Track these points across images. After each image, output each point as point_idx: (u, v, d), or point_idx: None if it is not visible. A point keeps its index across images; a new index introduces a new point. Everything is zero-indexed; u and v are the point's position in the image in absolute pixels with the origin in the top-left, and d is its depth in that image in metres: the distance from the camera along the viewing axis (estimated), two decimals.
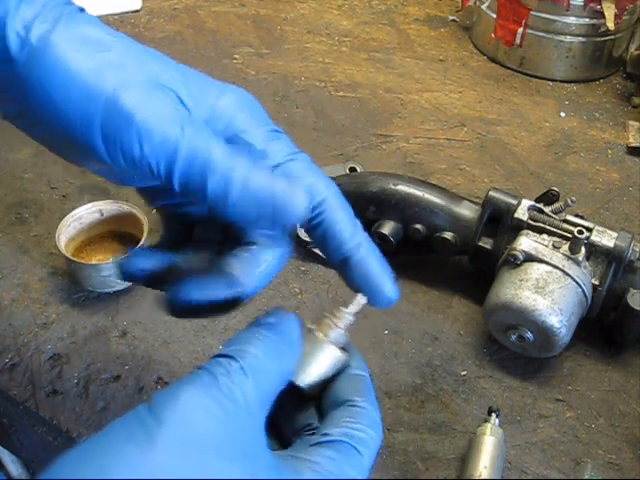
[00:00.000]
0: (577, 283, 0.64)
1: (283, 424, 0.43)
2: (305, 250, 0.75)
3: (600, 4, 1.02)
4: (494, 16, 1.09)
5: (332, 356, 0.42)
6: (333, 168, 0.82)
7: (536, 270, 0.64)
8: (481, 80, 1.08)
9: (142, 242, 0.70)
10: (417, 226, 0.71)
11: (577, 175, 0.91)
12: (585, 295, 0.64)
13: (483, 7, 1.11)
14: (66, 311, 0.70)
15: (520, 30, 1.06)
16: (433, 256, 0.74)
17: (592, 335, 0.70)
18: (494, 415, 0.60)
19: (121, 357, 0.67)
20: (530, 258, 0.65)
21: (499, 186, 0.74)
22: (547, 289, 0.63)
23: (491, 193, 0.69)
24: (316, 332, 0.42)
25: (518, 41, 1.07)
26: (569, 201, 0.67)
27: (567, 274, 0.64)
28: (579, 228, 0.64)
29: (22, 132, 0.43)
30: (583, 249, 0.64)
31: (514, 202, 0.68)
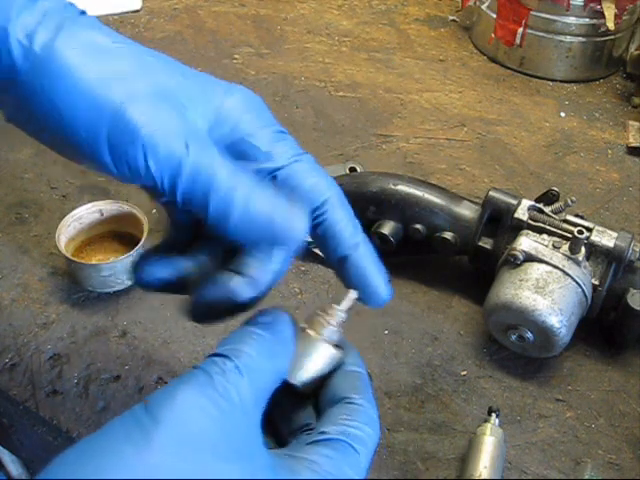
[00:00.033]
0: (577, 283, 0.64)
1: (280, 423, 0.43)
2: (305, 250, 0.75)
3: (600, 4, 1.02)
4: (494, 16, 1.09)
5: (326, 354, 0.42)
6: (333, 168, 0.82)
7: (536, 270, 0.64)
8: (481, 80, 1.08)
9: (142, 242, 0.70)
10: (417, 226, 0.71)
11: (577, 175, 0.91)
12: (585, 295, 0.64)
13: (483, 7, 1.11)
14: (66, 311, 0.70)
15: (520, 30, 1.06)
16: (433, 256, 0.74)
17: (592, 335, 0.70)
18: (494, 415, 0.60)
19: (121, 357, 0.67)
20: (530, 258, 0.65)
21: (499, 186, 0.74)
22: (547, 289, 0.63)
23: (491, 193, 0.69)
24: (309, 330, 0.42)
25: (518, 41, 1.07)
26: (569, 201, 0.67)
27: (567, 274, 0.64)
28: (579, 228, 0.64)
29: (23, 133, 0.43)
30: (583, 249, 0.64)
31: (514, 202, 0.68)
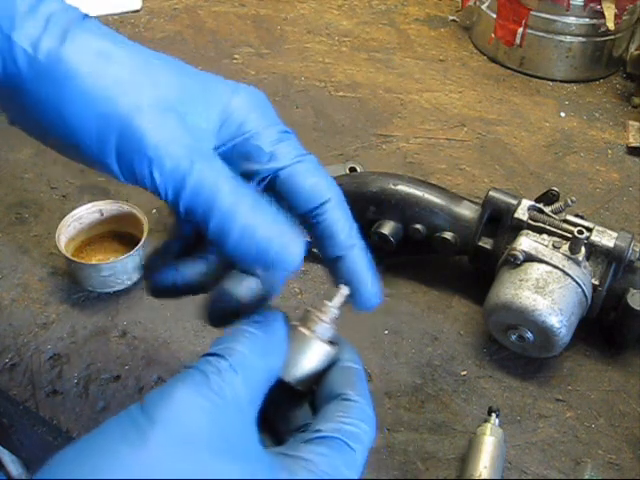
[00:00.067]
0: (577, 283, 0.64)
1: (278, 422, 0.43)
2: (305, 250, 0.75)
3: (600, 4, 1.02)
4: (494, 16, 1.09)
5: (319, 351, 0.42)
6: (333, 168, 0.82)
7: (536, 270, 0.64)
8: (481, 80, 1.08)
9: (142, 242, 0.70)
10: (417, 226, 0.71)
11: (577, 175, 0.91)
12: (585, 295, 0.64)
13: (483, 7, 1.11)
14: (66, 311, 0.70)
15: (520, 30, 1.06)
16: (433, 256, 0.74)
17: (592, 335, 0.70)
18: (494, 415, 0.60)
19: (121, 357, 0.67)
20: (530, 258, 0.65)
21: (499, 186, 0.74)
22: (547, 289, 0.63)
23: (491, 193, 0.69)
24: (301, 328, 0.43)
25: (518, 41, 1.07)
26: (569, 201, 0.67)
27: (567, 274, 0.64)
28: (579, 228, 0.64)
29: (24, 133, 0.43)
30: (583, 249, 0.64)
31: (514, 202, 0.68)
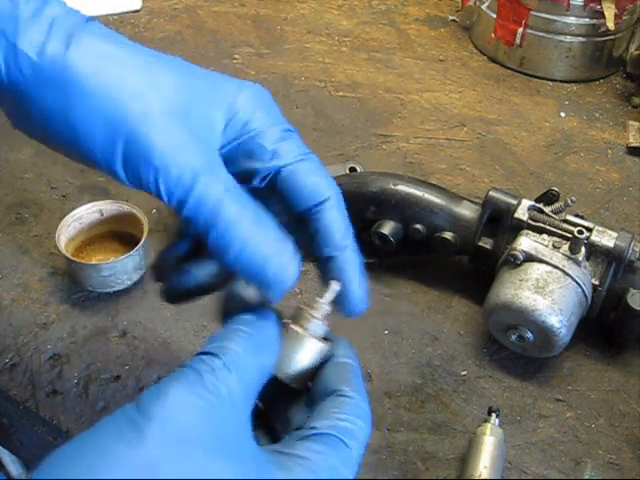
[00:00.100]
0: (577, 283, 0.64)
1: (275, 420, 0.44)
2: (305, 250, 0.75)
3: (600, 4, 1.02)
4: (494, 16, 1.09)
5: (313, 348, 0.42)
6: (333, 168, 0.82)
7: (536, 270, 0.64)
8: (481, 80, 1.08)
9: (142, 242, 0.70)
10: (417, 226, 0.71)
11: (577, 175, 0.91)
12: (585, 295, 0.64)
13: (483, 7, 1.11)
14: (66, 311, 0.70)
15: (520, 30, 1.06)
16: (433, 256, 0.74)
17: (592, 335, 0.70)
18: (494, 415, 0.60)
19: (121, 357, 0.67)
20: (530, 258, 0.65)
21: (499, 186, 0.74)
22: (547, 289, 0.63)
23: (491, 193, 0.69)
24: (293, 326, 0.43)
25: (518, 41, 1.07)
26: (569, 201, 0.67)
27: (567, 274, 0.64)
28: (579, 228, 0.64)
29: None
30: (583, 249, 0.64)
31: (514, 202, 0.68)
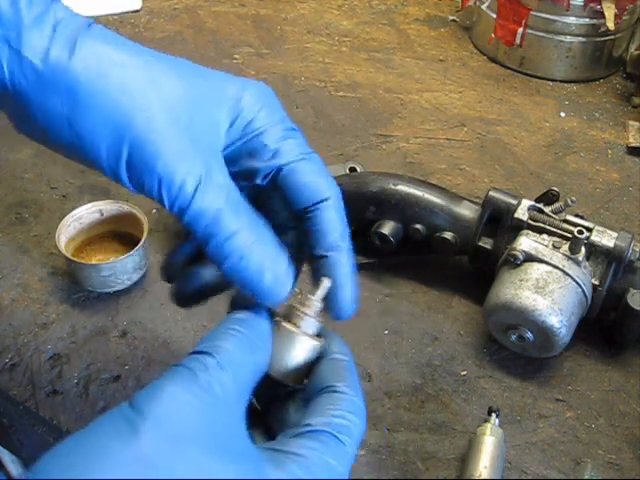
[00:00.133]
0: (577, 283, 0.64)
1: (271, 418, 0.44)
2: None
3: (600, 4, 1.02)
4: (494, 16, 1.09)
5: (305, 346, 0.42)
6: (333, 168, 0.82)
7: (536, 270, 0.64)
8: (481, 80, 1.08)
9: (142, 242, 0.70)
10: (417, 226, 0.71)
11: (577, 175, 0.91)
12: (585, 295, 0.64)
13: (483, 7, 1.11)
14: (66, 311, 0.70)
15: (520, 30, 1.06)
16: (433, 256, 0.74)
17: (592, 335, 0.70)
18: (494, 415, 0.60)
19: (121, 357, 0.67)
20: (530, 258, 0.65)
21: (499, 186, 0.74)
22: (547, 289, 0.63)
23: (491, 193, 0.69)
24: (285, 324, 0.43)
25: (518, 41, 1.07)
26: (569, 201, 0.67)
27: (567, 274, 0.64)
28: (579, 228, 0.64)
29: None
30: (583, 249, 0.64)
31: (514, 202, 0.68)
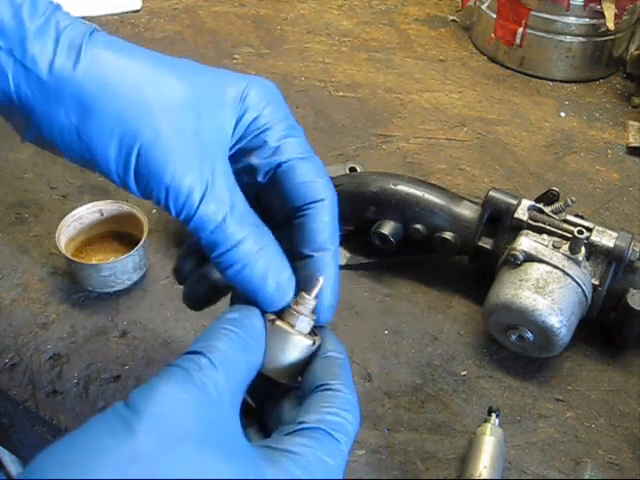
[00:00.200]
0: (577, 283, 0.64)
1: (267, 417, 0.44)
2: None
3: (600, 4, 1.02)
4: (494, 16, 1.09)
5: (299, 345, 0.43)
6: (333, 168, 0.82)
7: (536, 270, 0.64)
8: (481, 80, 1.08)
9: (142, 242, 0.70)
10: (417, 226, 0.71)
11: (577, 175, 0.91)
12: (585, 295, 0.64)
13: (483, 7, 1.11)
14: (66, 311, 0.70)
15: (520, 30, 1.06)
16: (433, 256, 0.74)
17: (592, 335, 0.70)
18: (494, 415, 0.60)
19: (121, 357, 0.67)
20: (530, 258, 0.65)
21: (499, 186, 0.74)
22: (547, 289, 0.63)
23: (491, 193, 0.69)
24: (279, 322, 0.43)
25: (518, 41, 1.07)
26: (569, 201, 0.67)
27: (567, 274, 0.64)
28: (579, 228, 0.64)
29: None
30: (583, 249, 0.64)
31: (514, 202, 0.68)
